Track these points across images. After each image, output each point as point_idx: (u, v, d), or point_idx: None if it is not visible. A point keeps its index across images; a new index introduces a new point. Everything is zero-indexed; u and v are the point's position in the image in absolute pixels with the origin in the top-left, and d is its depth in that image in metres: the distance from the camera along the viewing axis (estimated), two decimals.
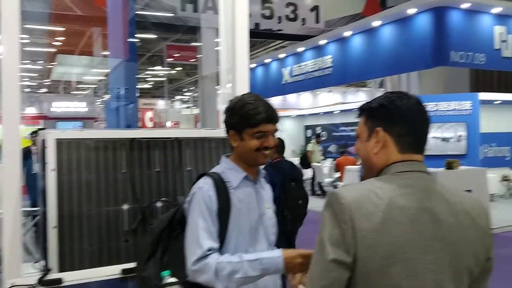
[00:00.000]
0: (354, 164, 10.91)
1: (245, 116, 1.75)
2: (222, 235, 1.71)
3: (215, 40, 2.69)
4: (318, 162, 12.83)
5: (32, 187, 3.85)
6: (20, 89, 2.33)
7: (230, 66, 2.86)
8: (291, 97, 18.86)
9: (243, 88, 2.81)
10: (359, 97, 19.65)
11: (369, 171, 1.33)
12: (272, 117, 1.77)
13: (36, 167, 3.68)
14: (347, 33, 10.04)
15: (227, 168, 1.82)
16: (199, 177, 1.80)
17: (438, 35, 7.94)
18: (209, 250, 1.64)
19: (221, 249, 1.71)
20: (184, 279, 1.69)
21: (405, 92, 1.34)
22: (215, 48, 2.65)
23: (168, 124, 24.07)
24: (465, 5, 8.01)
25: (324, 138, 14.95)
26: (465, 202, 1.25)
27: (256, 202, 1.82)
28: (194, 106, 29.69)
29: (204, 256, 1.63)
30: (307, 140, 15.77)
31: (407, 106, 1.28)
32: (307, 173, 13.38)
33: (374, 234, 1.15)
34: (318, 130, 15.75)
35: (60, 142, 2.32)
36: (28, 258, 2.66)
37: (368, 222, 1.15)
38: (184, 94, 32.60)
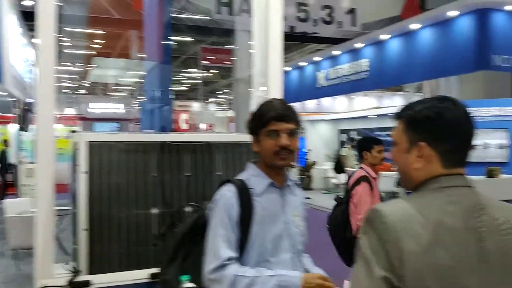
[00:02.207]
0: (390, 170, 10.67)
1: (258, 116, 1.74)
2: (243, 244, 1.66)
3: (249, 42, 2.66)
4: (352, 167, 12.62)
5: None
6: (55, 90, 2.35)
7: (263, 69, 2.82)
8: (326, 101, 18.66)
9: (276, 91, 2.76)
10: (395, 102, 19.25)
11: (407, 183, 1.24)
12: (284, 115, 1.70)
13: None
14: (384, 36, 9.84)
15: (252, 175, 1.77)
16: (223, 183, 1.76)
17: (480, 38, 7.66)
18: (228, 260, 1.61)
19: (242, 258, 1.67)
20: (202, 286, 1.68)
21: (451, 98, 1.23)
22: (250, 51, 2.61)
23: (202, 126, 24.29)
24: (509, 7, 7.70)
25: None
26: (511, 217, 1.16)
27: (282, 209, 1.76)
28: (228, 108, 29.86)
29: (222, 266, 1.60)
30: (341, 144, 15.56)
31: (455, 120, 1.17)
32: (341, 178, 13.20)
33: (422, 257, 1.06)
34: (353, 134, 15.51)
35: (91, 145, 2.33)
36: (63, 258, 2.69)
37: (416, 244, 1.07)
38: (218, 96, 32.85)
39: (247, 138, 2.57)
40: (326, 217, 4.17)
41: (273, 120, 1.69)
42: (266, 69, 2.78)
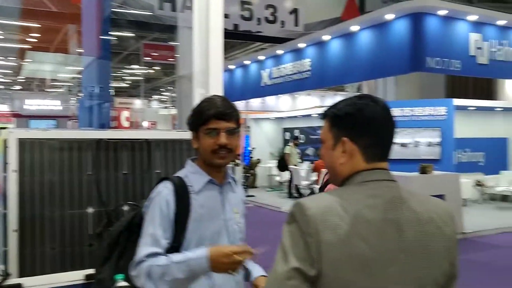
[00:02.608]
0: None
1: (197, 113, 1.73)
2: (180, 241, 1.65)
3: (192, 39, 2.62)
4: (296, 165, 12.84)
5: None
6: None
7: (204, 67, 2.80)
8: (271, 100, 18.87)
9: (217, 89, 2.75)
10: (337, 101, 19.77)
11: (335, 179, 1.29)
12: (224, 113, 1.69)
13: None
14: (325, 37, 10.08)
15: (191, 172, 1.76)
16: (160, 180, 1.75)
17: (415, 41, 8.02)
18: (147, 256, 1.60)
19: None
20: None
21: (371, 96, 1.29)
22: (192, 48, 2.57)
23: (145, 124, 23.80)
24: (442, 12, 8.12)
25: (302, 141, 14.97)
26: (431, 210, 1.23)
27: (221, 206, 1.76)
28: (172, 106, 29.47)
29: (140, 262, 1.60)
30: (285, 142, 15.79)
31: (374, 115, 1.23)
32: (285, 176, 13.39)
33: (339, 248, 1.11)
34: (296, 133, 15.78)
35: (22, 142, 2.22)
36: None
37: (334, 236, 1.11)
38: (162, 94, 32.33)
39: (187, 135, 2.56)
40: (270, 214, 4.21)
41: (213, 118, 1.68)
42: (207, 67, 2.76)
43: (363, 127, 1.23)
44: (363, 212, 1.14)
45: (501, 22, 8.92)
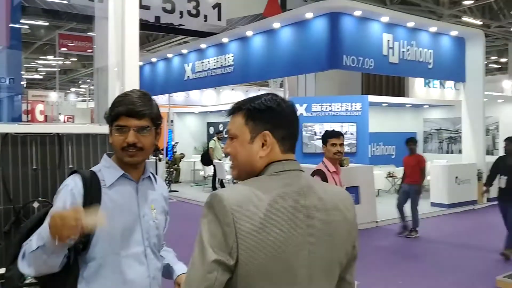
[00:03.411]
0: None
1: (110, 108, 1.71)
2: (87, 236, 1.61)
3: (107, 30, 2.53)
4: (220, 159, 12.88)
5: None
6: None
7: (120, 59, 2.75)
8: (194, 94, 18.72)
9: (133, 82, 2.71)
10: (245, 98, 20.05)
11: (248, 174, 1.31)
12: (134, 111, 1.66)
13: None
14: (248, 33, 10.18)
15: (105, 166, 1.73)
16: (70, 174, 1.71)
17: (333, 40, 8.34)
18: (36, 250, 1.53)
19: (89, 250, 1.63)
20: (45, 281, 1.61)
21: (278, 94, 1.37)
22: (108, 39, 2.49)
23: (61, 118, 22.62)
24: (357, 13, 8.50)
25: (226, 135, 15.06)
26: (335, 197, 1.33)
27: (136, 202, 1.75)
28: (90, 99, 28.28)
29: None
30: (210, 137, 15.77)
31: (288, 109, 1.32)
32: (209, 170, 13.39)
33: (254, 235, 1.16)
34: (220, 127, 15.81)
35: None
36: None
37: (249, 224, 1.16)
38: (80, 86, 30.89)
39: (103, 129, 2.50)
40: (193, 209, 4.19)
41: (123, 116, 1.66)
42: (122, 59, 2.71)
43: (281, 120, 1.30)
44: (277, 200, 1.20)
45: (410, 24, 9.53)
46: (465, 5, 15.51)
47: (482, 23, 17.12)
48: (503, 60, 24.35)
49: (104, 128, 2.37)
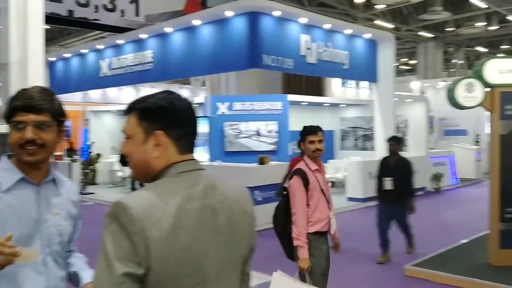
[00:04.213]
0: None
1: (6, 104, 1.59)
2: None
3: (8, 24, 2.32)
4: None
5: None
6: None
7: (22, 55, 2.55)
8: (112, 91, 18.05)
9: (37, 78, 2.52)
10: (182, 94, 19.83)
11: (145, 174, 1.28)
12: (31, 105, 1.55)
13: None
14: (168, 29, 9.98)
15: (3, 169, 1.60)
16: None
17: (252, 39, 8.40)
18: None
19: None
20: None
21: (173, 91, 1.33)
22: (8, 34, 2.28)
23: None
24: (276, 13, 8.63)
25: None
26: (236, 193, 1.34)
27: (37, 207, 1.62)
28: None
29: None
30: None
31: (183, 108, 1.29)
32: (128, 171, 12.95)
33: (165, 242, 1.12)
34: None
35: None
36: None
37: (159, 231, 1.12)
38: None
39: (3, 128, 2.30)
40: None
41: (19, 111, 1.54)
42: (25, 55, 2.52)
43: (175, 119, 1.27)
44: (184, 202, 1.18)
45: (327, 26, 9.85)
46: (377, 9, 16.36)
47: (393, 26, 18.18)
48: (412, 62, 26.05)
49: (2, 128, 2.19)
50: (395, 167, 6.45)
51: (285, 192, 3.84)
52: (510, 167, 5.81)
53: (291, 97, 12.27)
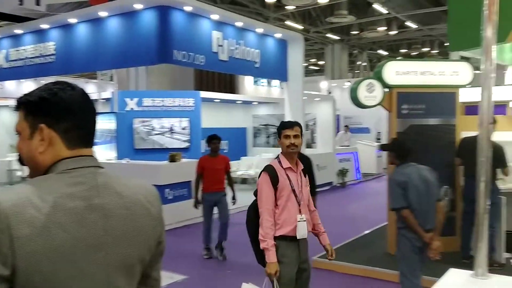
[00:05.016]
0: None
1: None
2: None
3: None
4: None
5: None
6: None
7: None
8: (10, 85, 16.76)
9: None
10: (89, 89, 18.90)
11: (35, 171, 1.21)
12: None
13: None
14: (72, 20, 9.43)
15: None
16: None
17: (163, 33, 8.21)
18: None
19: None
20: None
21: (68, 82, 1.26)
22: None
23: None
24: (188, 8, 8.51)
25: None
26: (138, 193, 1.27)
27: None
28: None
29: None
30: None
31: (71, 99, 1.21)
32: (27, 170, 12.10)
33: (36, 240, 1.04)
34: None
35: None
36: None
37: (29, 228, 1.04)
38: None
39: None
40: None
41: None
42: None
43: (60, 111, 1.19)
44: (64, 200, 1.10)
45: (239, 24, 9.91)
46: (288, 10, 16.80)
47: (302, 27, 18.77)
48: (321, 62, 27.13)
49: None
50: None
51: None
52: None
53: (204, 94, 12.21)
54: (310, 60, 28.15)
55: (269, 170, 3.41)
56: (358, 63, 26.31)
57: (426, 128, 6.48)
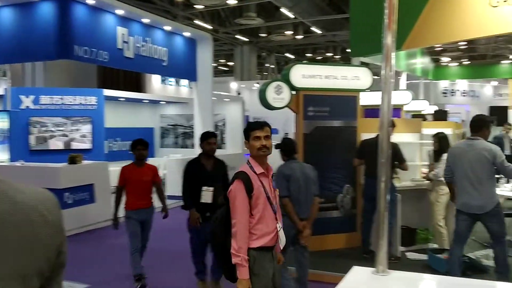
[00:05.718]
0: None
1: None
2: None
3: None
4: None
5: None
6: None
7: None
8: None
9: None
10: None
11: None
12: None
13: None
14: None
15: None
16: None
17: (62, 27, 7.72)
18: None
19: None
20: None
21: None
22: None
23: None
24: (90, 1, 8.08)
25: None
26: (34, 199, 1.15)
27: None
28: None
29: None
30: None
31: None
32: None
33: None
34: None
35: None
36: None
37: None
38: None
39: None
40: None
41: None
42: None
43: None
44: None
45: (145, 21, 9.62)
46: (197, 9, 16.64)
47: (212, 27, 18.72)
48: (230, 63, 27.28)
49: None
50: (212, 173, 5.07)
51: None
52: (312, 162, 6.45)
53: (108, 92, 11.66)
54: (220, 61, 28.21)
55: (243, 177, 3.08)
56: (266, 65, 26.85)
57: (331, 130, 6.75)
